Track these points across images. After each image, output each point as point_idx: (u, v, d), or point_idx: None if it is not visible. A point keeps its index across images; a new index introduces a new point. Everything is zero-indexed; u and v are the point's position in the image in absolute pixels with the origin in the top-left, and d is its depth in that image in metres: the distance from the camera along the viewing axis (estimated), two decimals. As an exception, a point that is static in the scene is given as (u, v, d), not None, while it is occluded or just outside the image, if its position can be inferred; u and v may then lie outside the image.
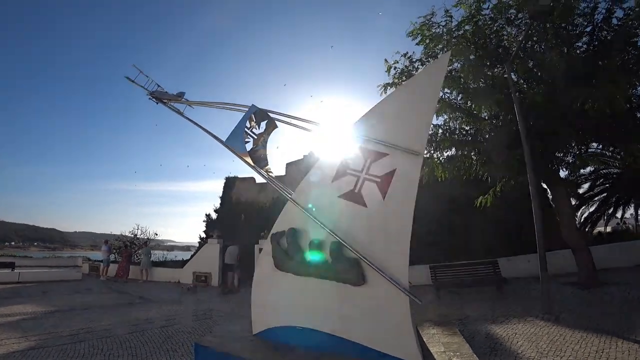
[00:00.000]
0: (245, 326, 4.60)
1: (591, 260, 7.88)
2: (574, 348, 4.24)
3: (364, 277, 3.44)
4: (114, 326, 6.65)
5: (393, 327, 3.27)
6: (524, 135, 6.24)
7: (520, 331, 5.12)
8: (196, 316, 7.80)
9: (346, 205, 3.80)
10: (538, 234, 6.30)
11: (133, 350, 5.16)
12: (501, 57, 7.15)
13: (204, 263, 14.29)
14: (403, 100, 4.01)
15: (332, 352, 3.44)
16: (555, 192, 8.61)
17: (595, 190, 16.40)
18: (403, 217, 3.50)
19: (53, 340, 5.59)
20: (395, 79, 8.84)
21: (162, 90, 6.18)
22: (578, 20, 6.72)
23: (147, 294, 11.12)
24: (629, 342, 4.27)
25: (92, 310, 8.36)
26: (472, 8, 7.01)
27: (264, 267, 4.23)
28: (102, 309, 8.60)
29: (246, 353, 3.60)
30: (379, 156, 3.86)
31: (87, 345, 5.39)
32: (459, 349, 3.55)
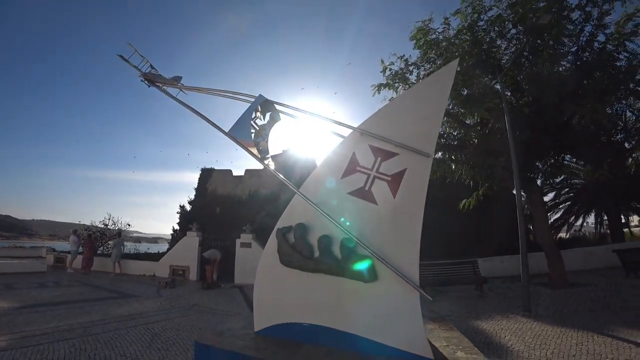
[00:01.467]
0: (243, 323, 4.52)
1: (562, 262, 8.48)
2: (556, 342, 4.58)
3: (376, 274, 3.50)
4: (93, 324, 6.25)
5: (404, 322, 3.35)
6: (512, 143, 6.62)
7: (505, 327, 5.43)
8: (181, 312, 7.55)
9: (356, 202, 3.84)
10: (521, 238, 6.70)
11: (120, 350, 4.84)
12: (494, 68, 7.53)
13: (181, 256, 13.86)
14: (413, 103, 4.11)
15: (341, 348, 3.47)
16: (531, 199, 9.18)
17: (560, 199, 17.66)
18: (414, 215, 3.59)
19: (27, 340, 5.15)
20: (389, 79, 9.04)
21: (156, 72, 5.88)
22: (564, 41, 7.22)
23: (123, 288, 10.63)
24: (603, 337, 4.68)
25: (65, 306, 7.82)
26: (468, 19, 7.33)
27: (268, 262, 4.16)
28: (76, 304, 8.08)
29: (251, 351, 3.52)
30: (389, 155, 3.92)
31: (67, 345, 4.99)
32: (460, 343, 3.71)
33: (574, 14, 6.97)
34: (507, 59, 7.77)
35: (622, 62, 6.97)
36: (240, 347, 3.59)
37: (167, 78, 5.82)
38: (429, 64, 8.49)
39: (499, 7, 7.40)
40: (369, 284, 3.51)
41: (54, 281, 11.64)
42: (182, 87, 5.66)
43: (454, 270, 9.39)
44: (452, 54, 7.22)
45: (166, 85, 5.67)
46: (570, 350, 4.23)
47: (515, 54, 7.00)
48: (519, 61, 7.23)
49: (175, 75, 5.96)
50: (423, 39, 7.84)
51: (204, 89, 5.58)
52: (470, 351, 3.48)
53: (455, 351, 3.49)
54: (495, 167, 7.91)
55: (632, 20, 6.74)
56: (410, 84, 9.19)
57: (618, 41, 6.73)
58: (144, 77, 5.74)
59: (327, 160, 4.23)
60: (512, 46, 7.62)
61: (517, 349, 4.39)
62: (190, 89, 5.69)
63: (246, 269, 12.63)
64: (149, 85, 5.84)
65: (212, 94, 5.53)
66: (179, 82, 5.82)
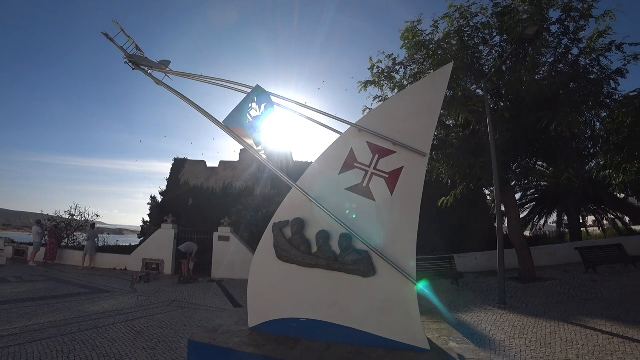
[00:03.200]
0: (235, 319, 4.43)
1: (531, 258, 9.06)
2: (532, 331, 4.94)
3: (374, 268, 3.58)
4: (67, 322, 5.84)
5: (402, 315, 3.45)
6: (493, 145, 6.98)
7: (485, 319, 5.75)
8: (161, 308, 7.29)
9: (354, 198, 3.89)
10: (498, 235, 7.08)
11: (102, 350, 4.55)
12: (477, 72, 7.87)
13: (155, 249, 13.32)
14: (410, 103, 4.18)
15: (339, 342, 3.52)
16: (505, 199, 9.71)
17: (526, 200, 18.81)
18: (410, 211, 3.70)
19: None
20: (375, 77, 9.17)
21: (142, 54, 5.56)
22: (543, 51, 7.69)
23: (94, 283, 10.10)
24: (573, 326, 5.10)
25: (32, 303, 7.28)
26: (455, 23, 7.61)
27: (263, 257, 4.12)
28: (44, 301, 7.55)
29: (250, 347, 3.46)
30: (386, 153, 3.99)
31: (41, 346, 4.60)
32: (450, 334, 3.88)
33: (553, 27, 7.48)
34: (488, 65, 8.16)
35: (594, 76, 7.57)
36: (238, 344, 3.52)
37: (155, 62, 5.53)
38: (416, 64, 8.71)
39: (484, 15, 7.76)
40: (368, 278, 3.58)
41: (15, 276, 10.83)
42: (169, 72, 5.38)
43: (433, 266, 9.75)
44: (440, 56, 7.46)
45: (153, 69, 5.39)
46: (546, 339, 4.58)
47: (500, 61, 7.37)
48: (500, 68, 7.61)
49: (163, 60, 5.64)
50: (411, 40, 8.03)
51: (194, 75, 5.32)
52: (461, 342, 3.64)
53: (448, 342, 3.64)
54: (474, 167, 8.29)
55: (603, 36, 7.34)
56: (396, 82, 9.41)
57: (591, 56, 7.29)
58: (128, 59, 5.39)
59: (324, 155, 4.22)
60: (495, 52, 8.01)
61: (498, 339, 4.68)
62: (178, 75, 5.38)
63: (224, 263, 12.41)
64: (133, 68, 5.51)
65: (203, 81, 5.26)
66: (167, 66, 5.52)
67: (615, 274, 9.22)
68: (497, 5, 7.92)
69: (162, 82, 5.31)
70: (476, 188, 9.32)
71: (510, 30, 7.01)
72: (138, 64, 5.39)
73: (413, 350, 3.33)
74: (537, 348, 4.35)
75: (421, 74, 8.99)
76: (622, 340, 4.45)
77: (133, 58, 5.42)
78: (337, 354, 3.28)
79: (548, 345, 4.41)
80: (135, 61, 5.39)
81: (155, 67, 5.42)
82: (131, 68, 5.53)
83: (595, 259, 9.90)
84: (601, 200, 16.46)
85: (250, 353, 3.34)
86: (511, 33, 7.01)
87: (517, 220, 9.72)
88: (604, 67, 7.57)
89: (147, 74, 5.38)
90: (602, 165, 10.51)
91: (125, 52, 5.40)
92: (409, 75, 9.09)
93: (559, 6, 7.60)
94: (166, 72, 5.40)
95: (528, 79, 6.90)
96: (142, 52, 5.59)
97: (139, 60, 5.43)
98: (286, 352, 3.38)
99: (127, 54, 5.40)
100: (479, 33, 7.86)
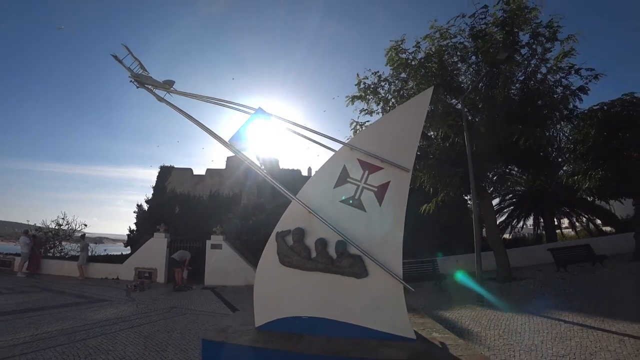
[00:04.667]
0: (240, 321, 4.83)
1: (507, 260, 9.82)
2: (506, 323, 5.60)
3: (366, 270, 4.12)
4: (74, 330, 6.05)
5: (391, 310, 4.00)
6: (470, 156, 7.70)
7: (464, 315, 6.38)
8: (162, 314, 7.59)
9: (347, 209, 4.43)
10: (476, 239, 7.77)
11: (116, 354, 4.85)
12: (455, 89, 8.65)
13: (148, 258, 13.48)
14: (395, 124, 4.80)
15: (338, 336, 4.02)
16: (482, 204, 10.49)
17: (504, 204, 19.87)
18: (397, 220, 4.28)
19: (7, 351, 4.88)
20: (361, 92, 9.84)
21: (147, 74, 5.90)
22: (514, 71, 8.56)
23: (89, 292, 10.24)
24: (541, 317, 5.85)
25: (33, 313, 7.38)
26: (435, 43, 8.40)
27: (268, 263, 4.57)
28: (44, 311, 7.69)
29: (260, 344, 3.87)
30: (375, 169, 4.57)
31: (56, 352, 4.85)
32: (433, 327, 4.46)
33: (523, 49, 8.38)
34: (466, 81, 8.96)
35: (558, 95, 8.48)
36: (249, 341, 3.96)
37: (159, 81, 5.86)
38: (400, 81, 9.44)
39: (462, 36, 8.58)
40: (361, 279, 4.11)
41: (6, 287, 10.79)
42: (173, 92, 5.70)
43: (417, 268, 10.39)
44: (422, 74, 8.20)
45: (157, 87, 5.74)
46: (517, 329, 5.26)
47: (476, 81, 8.17)
48: (476, 86, 8.40)
49: (167, 79, 5.98)
50: (394, 58, 8.76)
51: (197, 95, 5.73)
52: (442, 332, 4.23)
53: (431, 333, 4.22)
54: (453, 176, 9.01)
55: (568, 56, 8.29)
56: (381, 97, 10.10)
57: (556, 75, 8.20)
58: (134, 78, 5.76)
59: (321, 171, 4.77)
60: (472, 70, 8.84)
61: (475, 331, 5.32)
62: (182, 94, 5.74)
63: (217, 270, 12.69)
64: (137, 87, 5.87)
65: (207, 101, 5.65)
66: (171, 86, 5.84)
67: (583, 272, 10.08)
68: (472, 28, 8.77)
69: (164, 99, 5.71)
70: (456, 195, 10.05)
71: (485, 53, 7.83)
72: (142, 82, 5.77)
73: (402, 340, 3.87)
74: (508, 337, 5.01)
75: (403, 90, 9.72)
76: (580, 327, 5.21)
77: (138, 77, 5.81)
78: (337, 346, 3.79)
79: (518, 334, 5.06)
80: (140, 80, 5.78)
81: (159, 86, 5.78)
82: (135, 86, 5.92)
83: (565, 258, 10.76)
84: (573, 204, 17.65)
85: (261, 348, 3.80)
86: (485, 55, 7.83)
87: (494, 225, 10.50)
88: (566, 86, 8.50)
89: (150, 91, 5.76)
90: (571, 172, 11.52)
91: (131, 72, 5.78)
92: (393, 91, 9.80)
93: (528, 31, 8.51)
94: (170, 91, 5.78)
95: (501, 96, 7.69)
96: (147, 72, 5.97)
97: (144, 79, 5.81)
98: (292, 345, 3.87)
99: (133, 73, 5.78)
100: (457, 52, 8.68)
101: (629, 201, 11.84)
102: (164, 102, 5.67)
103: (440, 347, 3.77)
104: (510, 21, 8.02)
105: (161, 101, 5.72)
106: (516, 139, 7.52)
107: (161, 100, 5.69)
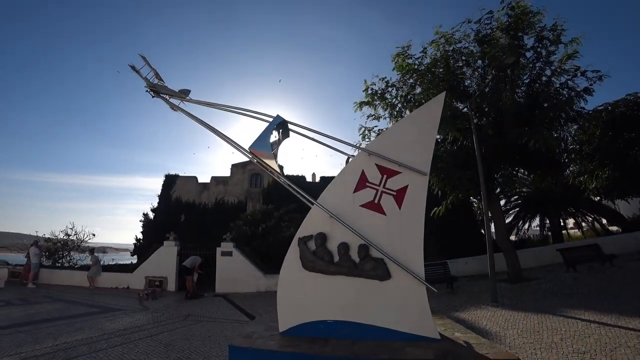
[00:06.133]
0: (262, 327, 4.85)
1: (518, 261, 9.88)
2: (523, 323, 5.68)
3: (389, 272, 4.21)
4: (94, 340, 6.09)
5: (415, 311, 4.08)
6: (479, 159, 7.82)
7: (481, 315, 6.45)
8: (179, 322, 7.63)
9: (368, 213, 4.53)
10: (488, 239, 7.84)
11: None
12: (462, 93, 8.82)
13: (158, 267, 13.55)
14: (410, 129, 4.91)
15: (363, 339, 4.09)
16: (491, 206, 10.58)
17: (510, 206, 19.93)
18: (416, 223, 4.37)
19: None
20: (369, 97, 10.01)
21: (163, 84, 5.97)
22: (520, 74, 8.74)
23: (102, 302, 10.31)
24: (556, 316, 5.91)
25: (50, 324, 7.44)
26: (441, 48, 8.59)
27: (291, 268, 4.63)
28: (61, 321, 7.72)
29: (288, 348, 3.92)
30: (393, 173, 4.67)
31: None
32: (454, 327, 4.52)
33: (528, 53, 8.57)
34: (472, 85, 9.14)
35: (564, 96, 8.64)
36: (276, 346, 3.98)
37: (175, 91, 5.93)
38: (405, 85, 9.62)
39: (467, 41, 8.80)
40: (384, 282, 4.20)
41: (19, 298, 10.88)
42: (189, 101, 5.74)
43: (428, 271, 10.44)
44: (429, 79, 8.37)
45: (172, 97, 5.81)
46: (535, 328, 5.34)
47: (483, 84, 8.33)
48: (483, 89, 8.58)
49: (183, 89, 6.05)
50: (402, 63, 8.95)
51: (214, 104, 5.77)
52: (464, 332, 4.30)
53: (453, 333, 4.29)
54: (462, 179, 9.12)
55: (572, 58, 8.47)
56: (388, 102, 10.26)
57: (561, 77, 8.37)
58: (150, 88, 5.84)
59: (340, 176, 4.88)
60: (477, 74, 9.02)
61: (494, 330, 5.39)
62: (198, 103, 5.76)
63: (227, 277, 12.73)
64: (153, 96, 5.95)
65: (224, 110, 5.70)
66: (187, 95, 5.90)
67: (592, 271, 10.13)
68: (478, 33, 8.96)
69: (179, 107, 5.79)
70: (464, 197, 10.16)
71: (492, 58, 8.01)
72: (158, 92, 5.85)
73: (426, 340, 3.95)
74: (527, 336, 5.08)
75: (410, 95, 9.89)
76: (597, 325, 5.29)
77: (155, 87, 5.89)
78: (363, 348, 3.86)
79: (536, 333, 5.14)
80: (156, 90, 5.86)
81: (175, 95, 5.83)
82: (151, 96, 6.00)
83: (574, 258, 10.82)
84: (579, 204, 17.71)
85: (290, 352, 3.86)
86: (492, 60, 8.01)
87: (503, 226, 10.58)
88: (572, 88, 8.67)
89: (165, 101, 5.85)
90: (577, 172, 11.63)
91: (147, 82, 5.85)
92: (400, 96, 9.97)
93: (532, 35, 8.70)
94: (186, 100, 5.83)
95: (508, 99, 7.85)
96: (163, 82, 6.05)
97: (160, 88, 5.89)
98: (320, 349, 3.93)
99: (150, 83, 5.86)
100: (462, 57, 8.87)
101: (636, 200, 11.94)
102: (179, 111, 5.75)
103: (465, 346, 3.84)
104: (515, 26, 8.22)
105: (176, 110, 5.78)
106: (525, 141, 7.66)
107: (176, 109, 5.77)
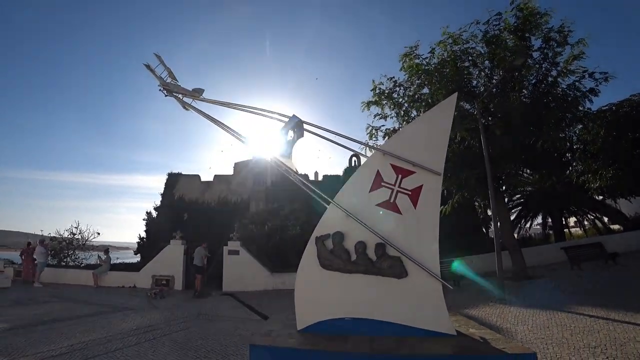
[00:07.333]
0: (279, 326, 4.87)
1: (523, 259, 10.00)
2: (532, 319, 5.83)
3: (406, 270, 4.30)
4: (108, 340, 6.04)
5: (431, 308, 4.17)
6: (487, 159, 7.93)
7: (490, 312, 6.57)
8: (190, 321, 7.65)
9: (384, 212, 4.61)
10: (496, 238, 7.95)
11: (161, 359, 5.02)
12: (470, 94, 8.93)
13: (165, 265, 13.60)
14: (424, 129, 4.99)
15: (381, 335, 4.17)
16: (497, 205, 10.69)
17: (512, 204, 20.06)
18: (431, 222, 4.46)
19: None
20: (376, 97, 10.10)
21: (177, 83, 5.78)
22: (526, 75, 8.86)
23: (110, 301, 10.34)
24: (564, 313, 6.09)
25: (62, 323, 7.35)
26: (448, 48, 8.71)
27: (308, 267, 4.69)
28: (72, 321, 7.67)
29: (308, 345, 3.97)
30: (408, 173, 4.75)
31: None
32: (468, 324, 4.63)
33: (535, 53, 8.70)
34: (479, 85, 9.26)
35: (570, 97, 8.77)
36: (297, 344, 4.02)
37: (188, 89, 5.92)
38: (413, 85, 9.72)
39: (474, 41, 8.92)
40: (401, 279, 4.29)
41: (28, 297, 10.90)
42: (203, 100, 5.68)
43: (436, 269, 10.57)
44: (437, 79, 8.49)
45: (186, 96, 5.83)
46: (544, 324, 5.49)
47: (491, 85, 8.45)
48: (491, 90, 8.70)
49: (197, 87, 6.04)
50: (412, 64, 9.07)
51: (228, 103, 5.73)
52: (479, 328, 4.40)
53: (468, 329, 4.39)
54: (469, 178, 9.23)
55: (578, 59, 8.60)
56: (395, 101, 10.34)
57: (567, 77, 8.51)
58: (163, 87, 5.87)
59: (355, 176, 4.96)
60: (484, 75, 9.15)
61: (504, 327, 5.52)
62: (212, 102, 5.66)
63: (235, 276, 12.81)
64: (165, 95, 5.95)
65: (238, 109, 5.66)
66: (201, 94, 5.88)
67: (597, 269, 10.27)
68: (486, 34, 9.07)
69: (192, 105, 5.81)
70: (470, 197, 10.28)
71: (501, 59, 8.13)
72: (172, 91, 5.86)
73: (443, 336, 4.04)
74: (538, 331, 5.22)
75: (417, 95, 9.98)
76: (605, 321, 5.45)
77: (168, 86, 5.90)
78: (382, 344, 3.94)
79: (547, 328, 5.27)
80: (169, 89, 5.88)
81: (188, 94, 5.83)
82: (164, 95, 6.01)
83: (578, 256, 10.95)
84: (581, 203, 17.82)
85: (311, 349, 3.92)
86: (501, 61, 8.13)
87: (509, 225, 10.70)
88: (578, 89, 8.80)
89: (178, 100, 5.86)
90: (581, 171, 11.77)
91: (162, 81, 5.86)
92: (407, 96, 10.06)
93: (539, 36, 8.83)
94: (197, 99, 5.86)
95: (515, 100, 7.97)
96: (177, 81, 6.07)
97: (173, 87, 5.90)
98: (340, 346, 4.00)
99: (164, 82, 5.87)
100: (469, 57, 8.98)
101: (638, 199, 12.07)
102: (191, 110, 5.77)
103: (481, 342, 3.94)
104: (523, 27, 8.34)
105: (188, 109, 5.80)
106: (533, 141, 7.78)
107: (188, 108, 5.78)
